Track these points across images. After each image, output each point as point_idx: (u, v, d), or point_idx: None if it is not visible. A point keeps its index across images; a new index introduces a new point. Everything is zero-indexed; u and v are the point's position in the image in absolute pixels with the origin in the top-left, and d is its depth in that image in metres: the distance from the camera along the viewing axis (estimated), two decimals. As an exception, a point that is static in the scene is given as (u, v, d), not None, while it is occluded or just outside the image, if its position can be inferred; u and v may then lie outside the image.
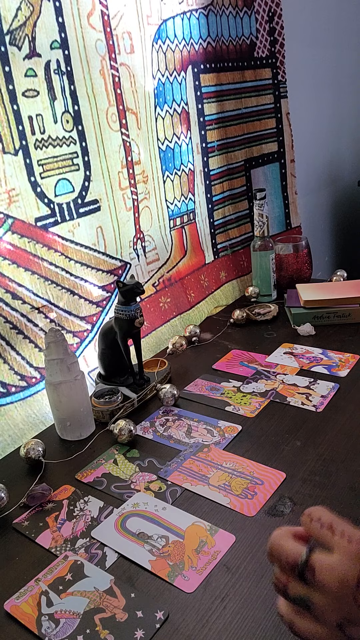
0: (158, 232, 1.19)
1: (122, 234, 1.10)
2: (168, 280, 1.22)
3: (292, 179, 1.51)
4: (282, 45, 1.40)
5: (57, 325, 0.97)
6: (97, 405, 0.91)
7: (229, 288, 1.39)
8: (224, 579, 0.58)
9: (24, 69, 0.87)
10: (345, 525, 0.37)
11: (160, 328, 1.19)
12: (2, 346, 0.89)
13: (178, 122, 1.19)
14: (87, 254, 1.03)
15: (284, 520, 0.64)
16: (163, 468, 0.77)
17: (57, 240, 0.96)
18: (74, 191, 0.98)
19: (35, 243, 0.92)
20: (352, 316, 1.14)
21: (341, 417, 0.83)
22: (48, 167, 0.93)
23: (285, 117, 1.46)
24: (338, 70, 1.94)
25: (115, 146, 1.05)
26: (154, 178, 1.15)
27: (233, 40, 1.29)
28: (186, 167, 1.24)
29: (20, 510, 0.72)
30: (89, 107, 0.98)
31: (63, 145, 0.95)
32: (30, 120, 0.89)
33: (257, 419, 0.86)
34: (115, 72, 1.02)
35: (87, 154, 0.99)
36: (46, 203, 0.94)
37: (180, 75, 1.18)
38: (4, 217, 0.88)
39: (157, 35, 1.10)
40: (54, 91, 0.92)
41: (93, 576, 0.60)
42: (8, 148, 0.87)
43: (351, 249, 2.24)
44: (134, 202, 1.11)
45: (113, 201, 1.06)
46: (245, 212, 1.43)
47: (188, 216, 1.27)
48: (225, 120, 1.32)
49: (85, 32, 0.95)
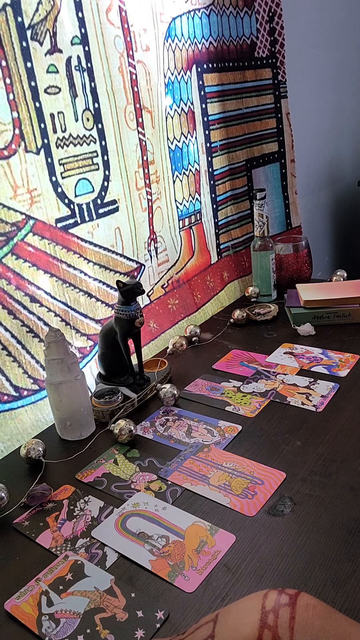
0: (168, 233, 1.18)
1: (138, 235, 1.09)
2: (177, 281, 1.22)
3: (293, 179, 1.51)
4: (282, 45, 1.40)
5: (72, 328, 0.96)
6: (97, 405, 0.91)
7: (230, 288, 1.39)
8: (224, 578, 0.58)
9: (46, 65, 0.86)
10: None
11: (169, 330, 1.19)
12: (18, 350, 0.88)
13: (185, 122, 1.19)
14: (106, 255, 1.02)
15: (284, 520, 0.65)
16: (163, 468, 0.77)
17: (77, 242, 0.95)
18: (94, 191, 0.97)
19: (55, 245, 0.91)
20: (352, 316, 1.14)
21: (341, 417, 0.83)
22: (69, 166, 0.92)
23: (285, 117, 1.46)
24: (339, 70, 1.94)
25: (133, 145, 1.04)
26: (164, 178, 1.14)
27: (234, 40, 1.29)
28: (193, 167, 1.24)
29: (20, 510, 0.72)
30: (108, 105, 0.97)
31: (83, 144, 0.94)
32: (52, 118, 0.88)
33: (257, 419, 0.86)
34: (133, 69, 1.01)
35: (106, 153, 0.98)
36: (66, 203, 0.93)
37: (187, 75, 1.18)
38: (26, 218, 0.87)
39: (167, 34, 1.10)
40: (75, 88, 0.90)
41: (93, 576, 0.60)
42: (30, 147, 0.85)
43: (351, 249, 2.24)
44: (148, 202, 1.11)
45: (130, 201, 1.05)
46: (247, 212, 1.43)
47: (195, 216, 1.27)
48: (227, 120, 1.32)
49: (104, 27, 0.94)
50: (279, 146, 1.47)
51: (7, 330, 0.87)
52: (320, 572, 0.57)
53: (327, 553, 0.59)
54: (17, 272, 0.87)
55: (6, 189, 0.84)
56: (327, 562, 0.58)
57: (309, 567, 0.57)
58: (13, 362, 0.88)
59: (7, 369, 0.87)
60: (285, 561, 0.59)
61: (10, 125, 0.83)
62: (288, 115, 1.46)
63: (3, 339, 0.86)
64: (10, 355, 0.88)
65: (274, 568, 0.58)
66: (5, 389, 0.87)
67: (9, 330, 0.87)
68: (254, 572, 0.58)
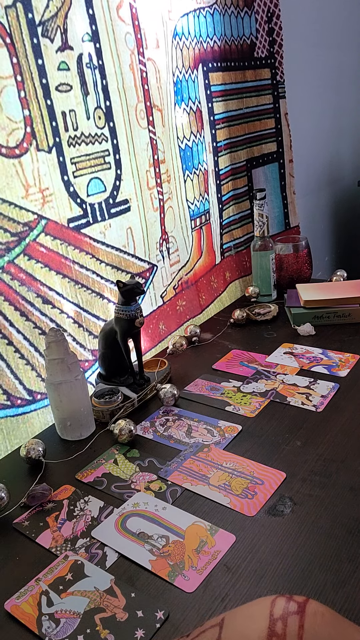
0: (180, 233, 1.17)
1: (150, 235, 1.08)
2: (186, 282, 1.21)
3: (291, 179, 1.51)
4: (280, 45, 1.40)
5: (84, 330, 0.96)
6: (97, 405, 0.91)
7: (232, 288, 1.39)
8: (224, 578, 0.58)
9: (57, 62, 0.85)
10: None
11: (175, 332, 1.19)
12: (31, 352, 0.87)
13: (195, 121, 1.18)
14: (118, 256, 1.01)
15: (284, 520, 0.65)
16: (163, 468, 0.77)
17: (89, 242, 0.94)
18: (106, 190, 0.97)
19: (67, 245, 0.91)
20: (352, 316, 1.14)
21: (341, 417, 0.83)
22: (81, 165, 0.91)
23: (283, 117, 1.46)
24: (339, 70, 1.94)
25: (144, 144, 1.03)
26: (175, 177, 1.13)
27: (235, 40, 1.29)
28: (202, 167, 1.23)
29: (20, 510, 0.72)
30: (119, 103, 0.96)
31: (95, 143, 0.93)
32: (63, 116, 0.87)
33: (257, 419, 0.86)
34: (143, 67, 1.01)
35: (118, 151, 0.97)
36: (78, 203, 0.92)
37: (194, 73, 1.17)
38: (38, 218, 0.86)
39: (175, 31, 1.09)
40: (86, 86, 0.90)
41: (93, 576, 0.60)
42: (42, 145, 0.84)
43: (351, 249, 2.24)
44: (160, 202, 1.10)
45: (142, 201, 1.04)
46: (247, 212, 1.44)
47: (205, 216, 1.26)
48: (229, 119, 1.32)
49: (115, 24, 0.93)
50: (277, 146, 1.47)
51: (20, 332, 0.86)
52: (320, 572, 0.57)
53: (327, 553, 0.59)
54: (29, 273, 0.86)
55: (18, 188, 0.83)
56: (327, 563, 0.58)
57: (309, 568, 0.57)
58: (26, 365, 0.87)
59: (21, 373, 0.87)
60: (285, 561, 0.59)
61: (21, 123, 0.82)
62: (286, 116, 1.46)
63: (16, 341, 0.85)
64: (23, 358, 0.87)
65: (274, 568, 0.58)
66: (19, 392, 0.87)
67: (21, 332, 0.86)
68: (254, 572, 0.58)
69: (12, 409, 0.86)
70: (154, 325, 1.13)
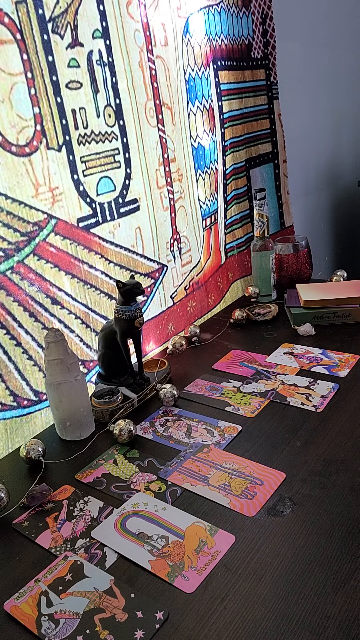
0: (193, 233, 1.16)
1: (160, 235, 1.07)
2: (196, 283, 1.20)
3: (285, 179, 1.51)
4: (273, 47, 1.40)
5: (92, 331, 0.96)
6: (97, 405, 0.91)
7: (234, 288, 1.39)
8: (224, 579, 0.58)
9: (67, 59, 0.84)
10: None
11: (182, 332, 1.18)
12: (39, 353, 0.87)
13: (207, 119, 1.17)
14: (127, 256, 1.00)
15: (284, 520, 0.64)
16: (163, 468, 0.77)
17: (98, 242, 0.94)
18: (115, 190, 0.96)
19: (76, 245, 0.90)
20: (352, 316, 1.14)
21: (341, 417, 0.83)
22: (90, 164, 0.90)
23: (277, 118, 1.45)
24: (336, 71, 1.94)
25: (153, 142, 1.03)
26: (187, 176, 1.12)
27: (237, 39, 1.29)
28: (214, 165, 1.22)
29: (20, 511, 0.72)
30: (129, 100, 0.95)
31: (105, 141, 0.92)
32: (73, 113, 0.86)
33: (257, 419, 0.86)
34: (152, 64, 1.00)
35: (127, 150, 0.96)
36: (88, 202, 0.91)
37: (207, 71, 1.16)
38: (48, 217, 0.85)
39: (185, 29, 1.09)
40: (96, 83, 0.89)
41: (93, 576, 0.60)
42: (52, 143, 0.83)
43: (351, 249, 2.24)
44: (170, 201, 1.08)
45: (151, 200, 1.03)
46: (247, 212, 1.44)
47: (214, 216, 1.25)
48: (232, 119, 1.32)
49: (124, 21, 0.92)
50: (272, 147, 1.47)
51: (28, 333, 0.85)
52: (320, 572, 0.57)
53: (327, 553, 0.59)
54: (39, 273, 0.85)
55: (28, 187, 0.82)
56: (327, 563, 0.58)
57: (308, 568, 0.57)
58: (34, 366, 0.87)
59: (28, 373, 0.86)
60: (285, 561, 0.59)
61: (31, 121, 0.81)
62: (280, 116, 1.46)
63: (24, 342, 0.85)
64: (31, 359, 0.87)
65: (273, 568, 0.58)
66: (25, 393, 0.86)
67: (29, 333, 0.85)
68: (254, 572, 0.58)
69: (18, 409, 0.86)
70: (162, 326, 1.13)
